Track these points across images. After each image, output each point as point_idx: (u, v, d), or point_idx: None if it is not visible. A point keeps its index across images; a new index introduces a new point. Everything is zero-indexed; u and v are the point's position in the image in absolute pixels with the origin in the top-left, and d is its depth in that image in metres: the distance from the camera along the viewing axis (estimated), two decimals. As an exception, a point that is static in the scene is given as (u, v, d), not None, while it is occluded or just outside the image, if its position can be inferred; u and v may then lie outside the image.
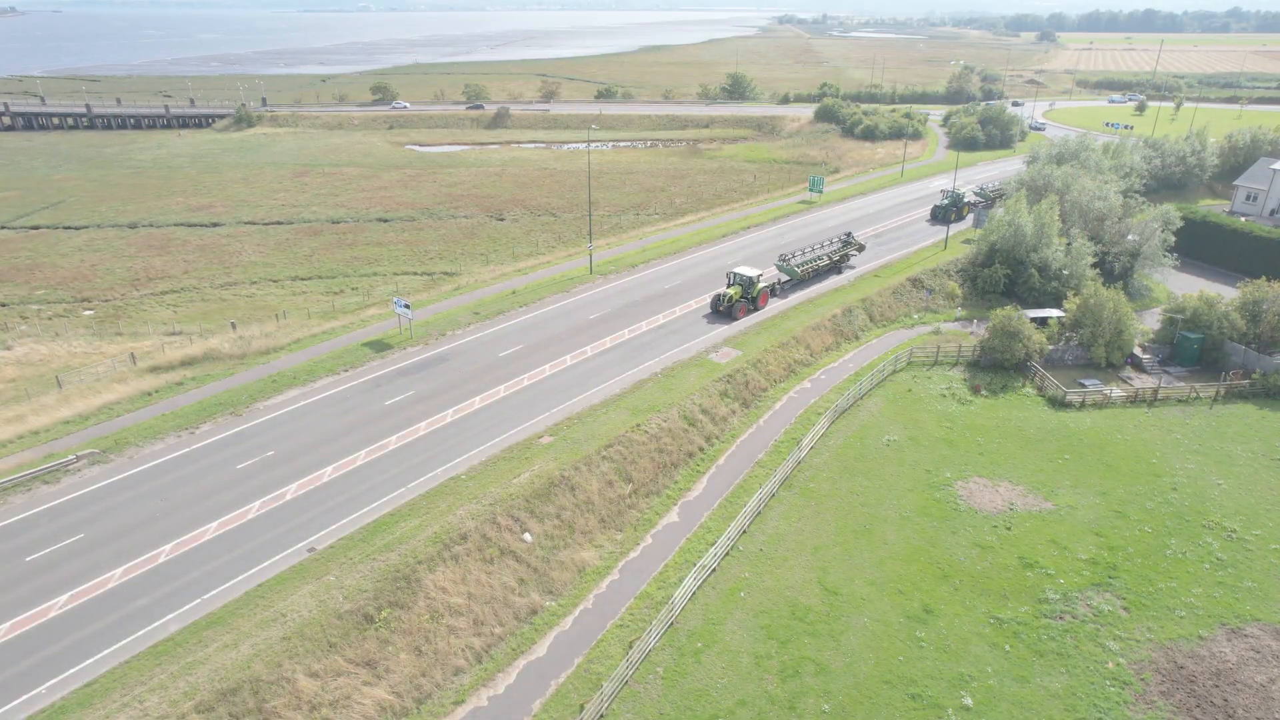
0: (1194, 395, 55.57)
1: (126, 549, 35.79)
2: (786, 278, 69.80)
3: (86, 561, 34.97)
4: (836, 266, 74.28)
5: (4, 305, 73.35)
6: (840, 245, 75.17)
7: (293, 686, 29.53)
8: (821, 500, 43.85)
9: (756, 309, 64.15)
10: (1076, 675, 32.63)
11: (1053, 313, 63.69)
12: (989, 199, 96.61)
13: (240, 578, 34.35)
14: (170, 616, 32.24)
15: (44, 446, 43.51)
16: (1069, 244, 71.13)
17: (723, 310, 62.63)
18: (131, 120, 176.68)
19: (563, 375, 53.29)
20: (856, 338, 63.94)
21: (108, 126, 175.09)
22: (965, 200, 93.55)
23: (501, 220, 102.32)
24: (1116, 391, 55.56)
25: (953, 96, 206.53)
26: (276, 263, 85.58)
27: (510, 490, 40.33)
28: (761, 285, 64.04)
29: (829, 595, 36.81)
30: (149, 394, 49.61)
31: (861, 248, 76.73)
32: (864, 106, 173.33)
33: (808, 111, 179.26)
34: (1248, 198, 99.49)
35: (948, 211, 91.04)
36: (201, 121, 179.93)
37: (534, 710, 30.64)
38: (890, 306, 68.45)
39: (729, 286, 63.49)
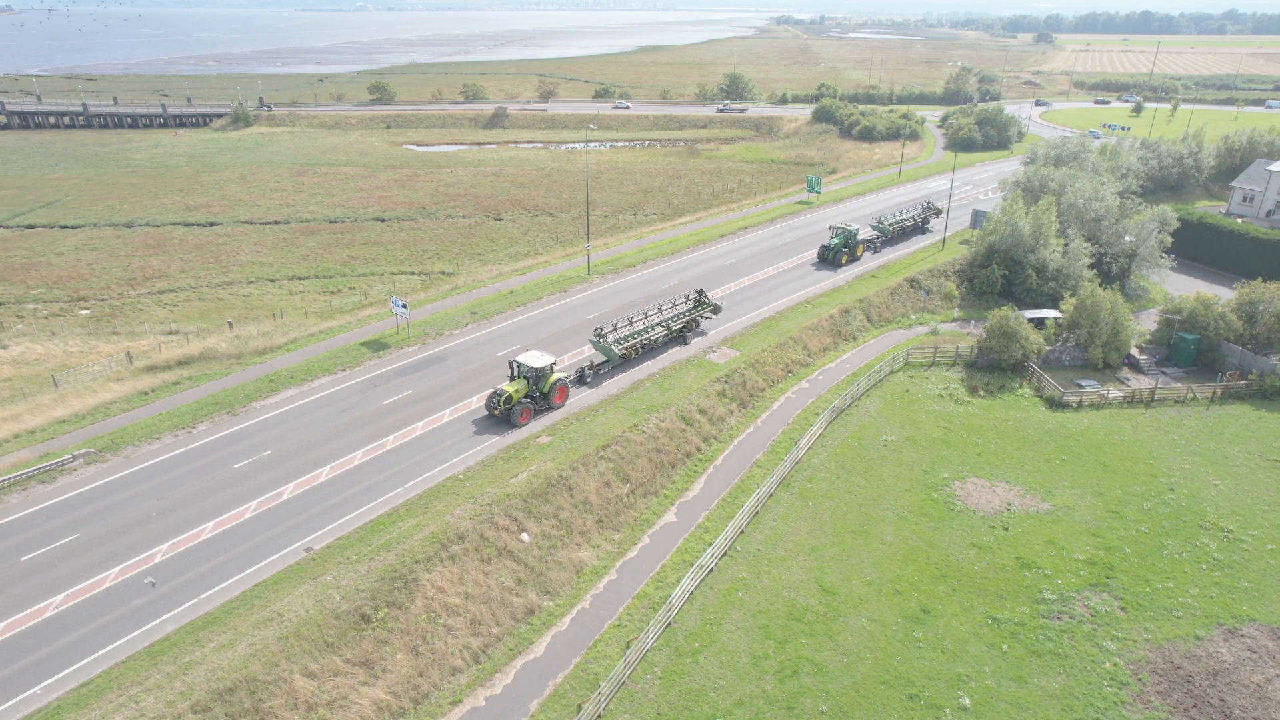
0: (1191, 396, 55.67)
1: (123, 549, 35.69)
2: (603, 359, 54.54)
3: (82, 561, 34.87)
4: (681, 336, 58.52)
5: (0, 304, 73.18)
6: (690, 307, 59.69)
7: (289, 687, 29.47)
8: (819, 500, 43.86)
9: (550, 408, 48.36)
10: (1074, 675, 32.67)
11: (1050, 313, 63.78)
12: (887, 233, 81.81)
13: (237, 578, 34.27)
14: (166, 616, 32.15)
15: (40, 446, 43.37)
16: (1066, 245, 71.28)
17: (498, 414, 46.58)
18: (128, 119, 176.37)
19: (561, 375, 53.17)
20: (854, 338, 63.98)
21: (104, 125, 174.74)
22: (860, 238, 77.14)
23: (499, 220, 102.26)
24: (1114, 392, 55.67)
25: (950, 97, 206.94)
26: (273, 262, 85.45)
27: (508, 490, 40.28)
28: (557, 377, 48.17)
29: (827, 595, 36.83)
30: (145, 393, 49.50)
31: (717, 309, 60.57)
32: (862, 107, 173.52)
33: (805, 112, 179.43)
34: (1244, 199, 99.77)
35: (837, 253, 74.75)
36: (199, 121, 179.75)
37: (531, 711, 30.60)
38: (888, 307, 68.51)
39: (510, 380, 47.93)
